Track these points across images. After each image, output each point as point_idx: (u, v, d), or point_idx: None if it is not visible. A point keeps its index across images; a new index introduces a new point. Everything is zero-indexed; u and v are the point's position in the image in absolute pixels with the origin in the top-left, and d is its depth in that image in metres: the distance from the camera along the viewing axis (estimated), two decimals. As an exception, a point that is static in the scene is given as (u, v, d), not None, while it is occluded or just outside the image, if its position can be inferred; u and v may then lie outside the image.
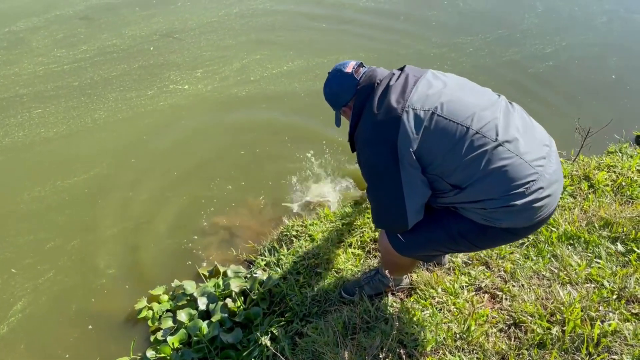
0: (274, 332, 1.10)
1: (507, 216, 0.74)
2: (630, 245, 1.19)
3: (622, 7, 3.01)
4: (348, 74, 0.84)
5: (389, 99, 0.76)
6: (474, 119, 0.73)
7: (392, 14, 2.79)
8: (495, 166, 0.72)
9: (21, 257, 1.40)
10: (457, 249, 0.85)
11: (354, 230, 1.38)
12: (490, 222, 0.75)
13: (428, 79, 0.79)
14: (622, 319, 0.97)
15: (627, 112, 2.15)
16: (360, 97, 0.82)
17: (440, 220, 0.81)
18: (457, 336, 0.99)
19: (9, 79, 2.11)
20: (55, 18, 2.57)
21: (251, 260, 1.40)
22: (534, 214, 0.74)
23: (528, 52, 2.50)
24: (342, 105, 0.88)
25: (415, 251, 0.87)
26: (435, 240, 0.83)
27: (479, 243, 0.81)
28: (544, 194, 0.73)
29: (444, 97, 0.75)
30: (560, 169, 0.79)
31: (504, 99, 0.81)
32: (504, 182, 0.72)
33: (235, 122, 1.96)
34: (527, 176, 0.72)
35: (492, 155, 0.72)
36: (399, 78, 0.80)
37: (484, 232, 0.77)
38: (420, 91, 0.76)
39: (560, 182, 0.79)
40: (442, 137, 0.73)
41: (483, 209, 0.74)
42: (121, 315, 1.25)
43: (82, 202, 1.58)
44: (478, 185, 0.73)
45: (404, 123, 0.74)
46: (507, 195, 0.72)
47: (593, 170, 1.53)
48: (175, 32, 2.52)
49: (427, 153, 0.74)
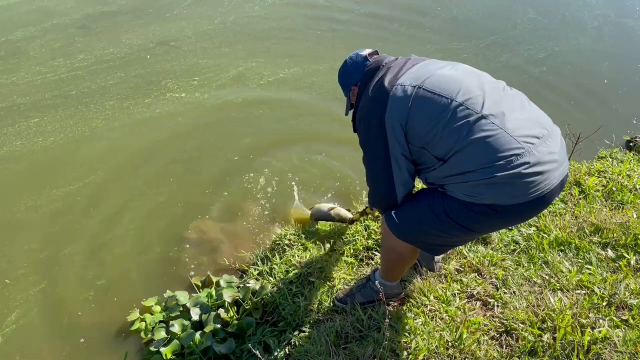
0: (267, 342, 1.10)
1: (489, 190, 0.72)
2: (620, 251, 1.20)
3: (613, 11, 3.06)
4: (362, 56, 0.91)
5: (385, 78, 0.80)
6: (459, 93, 0.74)
7: (386, 20, 2.83)
8: (476, 137, 0.71)
9: (15, 268, 1.40)
10: (448, 232, 0.82)
11: (347, 238, 1.38)
12: (473, 198, 0.74)
13: (426, 63, 0.82)
14: (612, 325, 0.98)
15: (618, 117, 2.17)
16: (365, 77, 0.87)
17: (427, 200, 0.82)
18: (449, 344, 0.99)
19: (7, 88, 2.12)
20: (52, 27, 2.59)
21: (244, 269, 1.40)
22: (520, 190, 0.71)
23: (522, 58, 2.53)
24: (352, 84, 0.91)
25: (409, 233, 0.86)
26: (425, 221, 0.82)
27: (466, 223, 0.78)
28: (531, 170, 0.70)
29: (433, 74, 0.78)
30: (561, 155, 0.75)
31: (504, 83, 0.81)
32: (485, 153, 0.71)
33: (232, 129, 1.97)
34: (511, 149, 0.70)
35: (475, 126, 0.71)
36: (400, 61, 0.84)
37: (468, 210, 0.75)
38: (413, 70, 0.80)
39: (560, 167, 0.74)
40: (427, 109, 0.75)
41: (465, 182, 0.73)
42: (113, 327, 1.24)
43: (75, 211, 1.58)
44: (459, 155, 0.73)
45: (391, 98, 0.77)
46: (487, 167, 0.70)
47: (584, 176, 1.55)
48: (171, 41, 2.54)
49: (414, 126, 0.76)
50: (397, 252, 0.96)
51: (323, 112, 2.06)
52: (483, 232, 0.91)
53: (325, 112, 2.06)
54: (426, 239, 0.87)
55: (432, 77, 0.77)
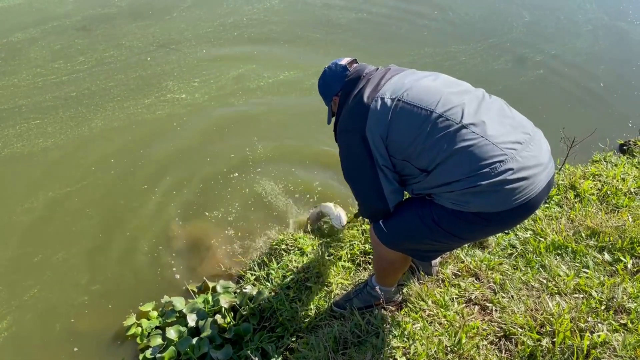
0: (265, 348, 1.09)
1: (475, 198, 0.72)
2: (617, 254, 1.20)
3: (606, 15, 3.10)
4: (341, 66, 0.90)
5: (364, 90, 0.80)
6: (439, 104, 0.74)
7: (384, 24, 2.85)
8: (458, 147, 0.71)
9: (8, 272, 1.38)
10: (438, 241, 0.82)
11: (344, 243, 1.38)
12: (459, 207, 0.74)
13: (405, 74, 0.82)
14: (610, 329, 0.98)
15: (614, 120, 2.19)
16: (346, 88, 0.87)
17: (415, 209, 0.82)
18: (448, 349, 0.98)
19: (8, 89, 2.12)
20: (52, 29, 2.59)
21: (241, 275, 1.39)
22: (507, 197, 0.71)
23: (519, 61, 2.56)
24: (332, 95, 0.91)
25: (398, 242, 0.87)
26: (414, 230, 0.82)
27: (455, 231, 0.78)
28: (516, 176, 0.70)
29: (412, 86, 0.78)
30: (545, 158, 0.74)
31: (483, 91, 0.81)
32: (467, 162, 0.71)
33: (232, 130, 1.97)
34: (493, 157, 0.70)
35: (456, 136, 0.72)
36: (379, 72, 0.84)
37: (456, 218, 0.76)
38: (392, 82, 0.80)
39: (546, 170, 0.74)
40: (407, 122, 0.75)
41: (451, 191, 0.73)
42: (108, 333, 1.23)
43: (72, 213, 1.56)
44: (443, 167, 0.73)
45: (371, 112, 0.77)
46: (471, 176, 0.71)
47: (579, 180, 1.55)
48: (171, 43, 2.55)
49: (394, 138, 0.76)
50: (388, 260, 0.96)
51: (323, 113, 2.06)
52: (472, 240, 0.92)
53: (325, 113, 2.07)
54: (415, 247, 0.88)
55: (412, 89, 0.77)
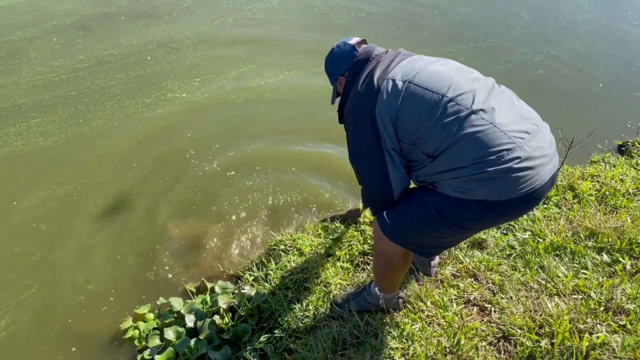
0: (263, 349, 1.09)
1: (479, 185, 0.71)
2: (615, 255, 1.20)
3: (605, 15, 3.11)
4: (350, 45, 0.87)
5: (374, 72, 0.79)
6: (450, 88, 0.74)
7: (384, 24, 2.85)
8: (467, 132, 0.70)
9: (6, 271, 1.38)
10: (440, 231, 0.80)
11: (343, 243, 1.38)
12: (463, 194, 0.73)
13: (414, 58, 0.81)
14: (609, 330, 0.97)
15: (612, 120, 2.19)
16: (354, 68, 0.84)
17: (418, 199, 0.81)
18: (447, 350, 0.98)
19: (8, 88, 2.11)
20: (52, 28, 2.58)
21: (239, 275, 1.38)
22: (512, 185, 0.70)
23: (518, 61, 2.56)
24: (339, 74, 0.89)
25: (401, 233, 0.85)
26: (417, 220, 0.80)
27: (458, 221, 0.77)
28: (522, 165, 0.69)
29: (423, 70, 0.77)
30: (551, 150, 0.74)
31: (493, 80, 0.80)
32: (475, 148, 0.70)
33: (232, 130, 1.96)
34: (501, 144, 0.69)
35: (465, 122, 0.71)
36: (390, 55, 0.83)
37: (458, 206, 0.74)
38: (402, 65, 0.79)
39: (551, 162, 0.74)
40: (417, 105, 0.74)
41: (456, 177, 0.72)
42: (106, 334, 1.22)
43: (70, 211, 1.56)
44: (450, 151, 0.72)
45: (381, 93, 0.76)
46: (478, 162, 0.70)
47: (577, 180, 1.55)
48: (171, 42, 2.54)
49: (404, 121, 0.75)
50: (387, 256, 0.93)
51: (324, 114, 2.06)
52: (475, 230, 0.88)
53: (326, 114, 2.07)
54: (418, 240, 0.86)
55: (422, 72, 0.76)
